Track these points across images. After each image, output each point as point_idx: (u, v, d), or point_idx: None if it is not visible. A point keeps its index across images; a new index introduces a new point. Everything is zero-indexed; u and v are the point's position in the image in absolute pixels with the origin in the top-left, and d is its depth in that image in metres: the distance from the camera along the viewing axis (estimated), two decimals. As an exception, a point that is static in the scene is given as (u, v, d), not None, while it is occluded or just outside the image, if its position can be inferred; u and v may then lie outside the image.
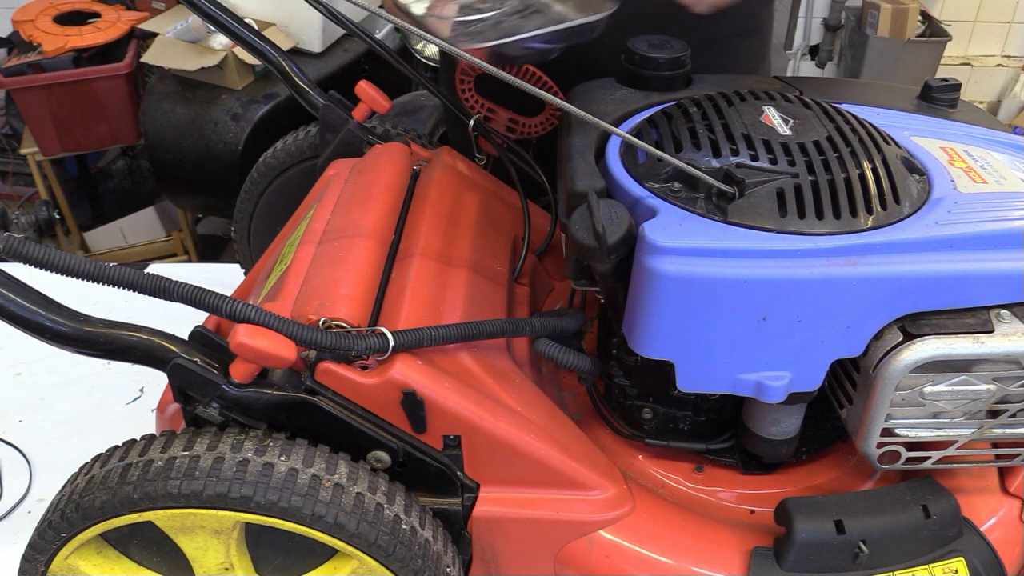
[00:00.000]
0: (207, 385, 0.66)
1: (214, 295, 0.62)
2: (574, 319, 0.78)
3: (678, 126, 0.71)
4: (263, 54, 1.03)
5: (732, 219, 0.64)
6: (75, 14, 2.69)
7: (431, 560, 0.68)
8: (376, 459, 0.70)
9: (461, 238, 0.86)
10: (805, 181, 0.64)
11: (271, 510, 0.63)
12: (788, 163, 0.65)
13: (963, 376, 0.65)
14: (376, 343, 0.66)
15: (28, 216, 2.84)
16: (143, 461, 0.64)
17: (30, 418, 1.16)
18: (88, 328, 0.64)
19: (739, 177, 0.64)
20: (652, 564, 0.73)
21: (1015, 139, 0.79)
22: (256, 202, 1.15)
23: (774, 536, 0.72)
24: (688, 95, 0.76)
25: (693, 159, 0.67)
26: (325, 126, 1.00)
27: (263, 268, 0.92)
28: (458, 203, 0.91)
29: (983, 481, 0.78)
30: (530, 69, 0.92)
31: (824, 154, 0.66)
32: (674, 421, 0.81)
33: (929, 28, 3.21)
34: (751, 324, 0.64)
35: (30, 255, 0.57)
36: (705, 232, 0.63)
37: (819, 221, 0.63)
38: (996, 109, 3.49)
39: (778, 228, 0.63)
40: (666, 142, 0.70)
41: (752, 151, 0.67)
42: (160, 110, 2.36)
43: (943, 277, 0.63)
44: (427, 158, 0.98)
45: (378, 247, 0.80)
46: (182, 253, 2.97)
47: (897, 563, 0.70)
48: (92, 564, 0.70)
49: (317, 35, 2.38)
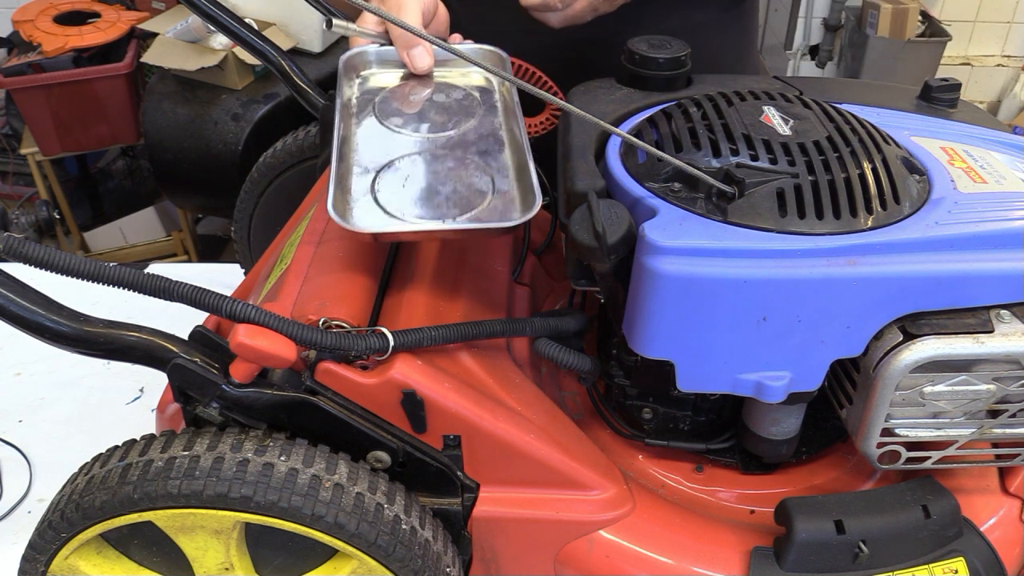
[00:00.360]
0: (207, 385, 0.66)
1: (214, 295, 0.62)
2: (574, 319, 0.78)
3: (678, 126, 0.71)
4: (263, 54, 1.03)
5: (732, 219, 0.64)
6: (75, 14, 2.69)
7: (431, 560, 0.68)
8: (376, 459, 0.70)
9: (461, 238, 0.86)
10: (805, 181, 0.64)
11: (271, 510, 0.63)
12: (788, 163, 0.65)
13: (963, 376, 0.65)
14: (376, 343, 0.66)
15: (28, 216, 2.85)
16: (143, 461, 0.64)
17: (30, 418, 1.16)
18: (88, 328, 0.64)
19: (739, 177, 0.64)
20: (652, 564, 0.73)
21: (1015, 139, 0.79)
22: (256, 202, 1.15)
23: (774, 536, 0.72)
24: (688, 95, 0.76)
25: (693, 159, 0.67)
26: (325, 126, 1.00)
27: (263, 268, 0.91)
28: (458, 203, 0.91)
29: (983, 481, 0.78)
30: (530, 69, 0.92)
31: (824, 154, 0.66)
32: (674, 421, 0.81)
33: (929, 28, 3.22)
34: (751, 324, 0.64)
35: (30, 255, 0.57)
36: (705, 232, 0.63)
37: (819, 221, 0.63)
38: (996, 109, 3.49)
39: (778, 228, 0.63)
40: (666, 142, 0.70)
41: (752, 151, 0.67)
42: (160, 110, 2.36)
43: (943, 277, 0.63)
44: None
45: (378, 247, 0.80)
46: (182, 253, 2.97)
47: (897, 563, 0.70)
48: (92, 564, 0.70)
49: (317, 35, 2.38)
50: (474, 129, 0.80)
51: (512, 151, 0.77)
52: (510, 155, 0.77)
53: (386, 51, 0.87)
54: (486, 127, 0.80)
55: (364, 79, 0.87)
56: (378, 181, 0.73)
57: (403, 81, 0.87)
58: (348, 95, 0.85)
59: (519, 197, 0.72)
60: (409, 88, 0.86)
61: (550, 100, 0.65)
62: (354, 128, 0.80)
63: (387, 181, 0.73)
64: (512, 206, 0.71)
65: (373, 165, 0.75)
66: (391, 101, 0.83)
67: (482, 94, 0.85)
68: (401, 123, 0.80)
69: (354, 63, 0.87)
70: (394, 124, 0.80)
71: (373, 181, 0.73)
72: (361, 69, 0.88)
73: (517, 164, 0.75)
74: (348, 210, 0.70)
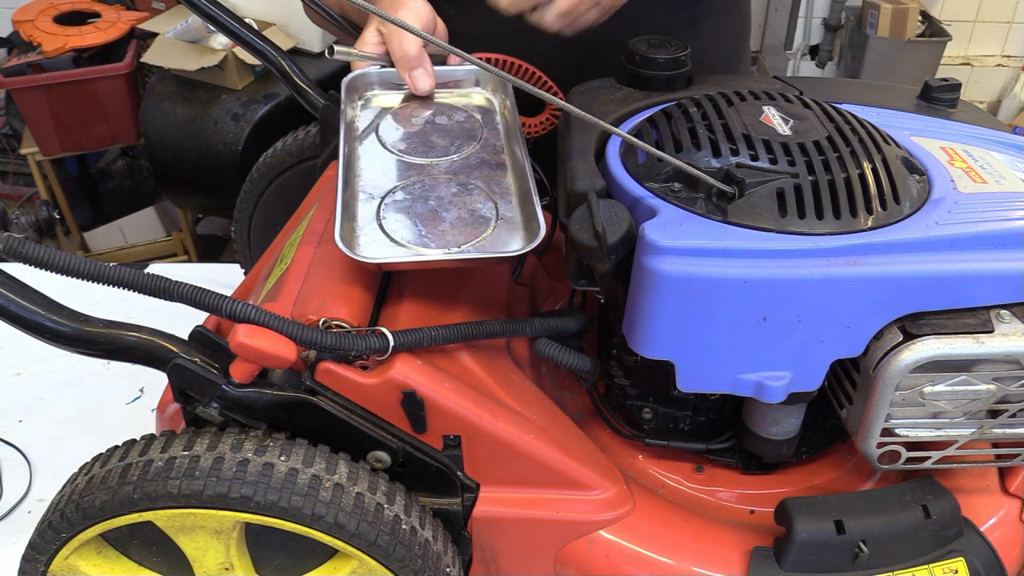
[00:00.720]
0: (207, 385, 0.66)
1: (214, 295, 0.62)
2: (574, 319, 0.78)
3: (678, 126, 0.71)
4: (263, 54, 1.03)
5: (732, 219, 0.64)
6: (75, 14, 2.69)
7: (431, 560, 0.68)
8: (376, 459, 0.70)
9: (461, 238, 0.86)
10: (805, 181, 0.64)
11: (271, 510, 0.63)
12: (788, 163, 0.65)
13: (963, 376, 0.65)
14: (376, 343, 0.66)
15: (28, 216, 2.85)
16: (143, 461, 0.64)
17: (30, 418, 1.16)
18: (88, 328, 0.64)
19: (739, 177, 0.64)
20: (652, 564, 0.73)
21: (1015, 139, 0.79)
22: (256, 202, 1.15)
23: (774, 536, 0.72)
24: (688, 95, 0.76)
25: (693, 159, 0.67)
26: (325, 126, 1.00)
27: (263, 268, 0.92)
28: (458, 203, 0.91)
29: (983, 481, 0.78)
30: (530, 69, 0.92)
31: (824, 154, 0.66)
32: (674, 421, 0.81)
33: (929, 28, 3.21)
34: (751, 324, 0.64)
35: (30, 255, 0.57)
36: (705, 232, 0.63)
37: (819, 221, 0.63)
38: (996, 109, 3.49)
39: (778, 228, 0.63)
40: (666, 142, 0.70)
41: (752, 151, 0.67)
42: (160, 110, 2.36)
43: (943, 277, 0.63)
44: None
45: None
46: (182, 253, 2.97)
47: (897, 563, 0.70)
48: (92, 564, 0.70)
49: (317, 35, 2.38)
50: (476, 153, 0.81)
51: (515, 175, 0.78)
52: (513, 179, 0.78)
53: (388, 72, 0.88)
54: (488, 150, 0.81)
55: (367, 100, 0.88)
56: (383, 208, 0.74)
57: (405, 103, 0.88)
58: (351, 117, 0.86)
59: (522, 224, 0.73)
60: (411, 110, 0.87)
61: (550, 100, 0.65)
62: (358, 152, 0.81)
63: (392, 208, 0.74)
64: (516, 234, 0.72)
65: (378, 191, 0.76)
66: (394, 124, 0.85)
67: (483, 115, 0.86)
68: (404, 148, 0.81)
69: (356, 85, 0.88)
70: (397, 149, 0.81)
71: (378, 208, 0.74)
72: (363, 91, 0.89)
73: (520, 190, 0.76)
74: (355, 239, 0.71)
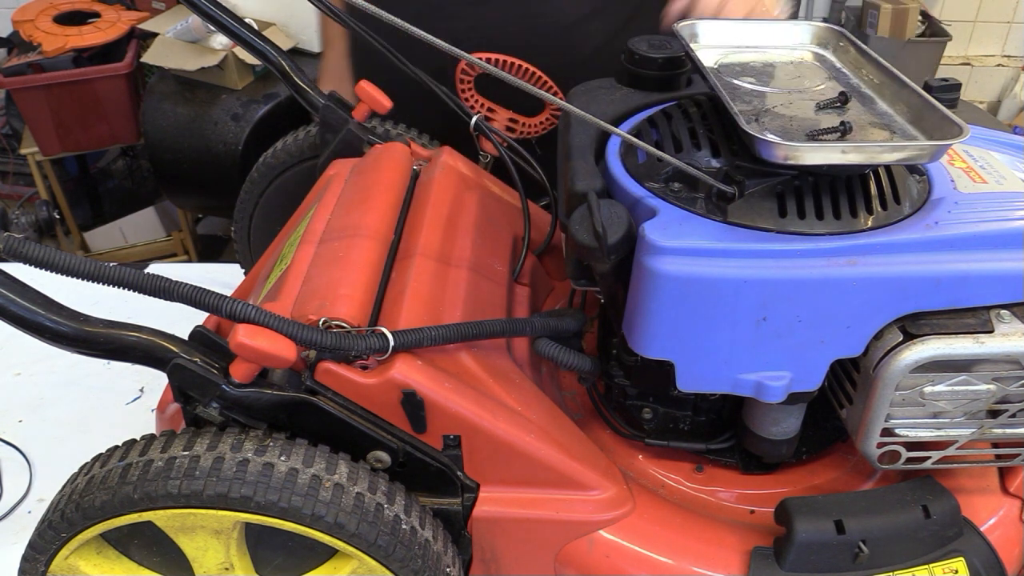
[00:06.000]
0: (207, 385, 0.66)
1: (214, 295, 0.62)
2: (574, 319, 0.78)
3: (678, 126, 0.71)
4: (263, 54, 1.03)
5: (732, 219, 0.64)
6: (75, 14, 2.69)
7: (431, 560, 0.68)
8: (376, 459, 0.70)
9: (461, 238, 0.86)
10: (805, 181, 0.64)
11: (271, 510, 0.63)
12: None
13: (963, 376, 0.65)
14: (376, 343, 0.66)
15: (28, 216, 2.85)
16: (143, 461, 0.64)
17: (30, 418, 1.16)
18: (88, 328, 0.64)
19: (739, 177, 0.64)
20: (652, 564, 0.73)
21: (1015, 139, 0.79)
22: (256, 202, 1.15)
23: (774, 536, 0.72)
24: (688, 95, 0.76)
25: (693, 159, 0.67)
26: (325, 126, 1.00)
27: (263, 268, 0.92)
28: (458, 203, 0.91)
29: (983, 481, 0.78)
30: (530, 69, 0.92)
31: (824, 154, 0.66)
32: (674, 421, 0.81)
33: (929, 28, 3.21)
34: (751, 324, 0.64)
35: (30, 255, 0.57)
36: (705, 232, 0.63)
37: (819, 221, 0.63)
38: (996, 109, 3.49)
39: (778, 228, 0.63)
40: (666, 142, 0.70)
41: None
42: (160, 110, 2.36)
43: (943, 277, 0.63)
44: (427, 158, 0.98)
45: (378, 247, 0.80)
46: (182, 253, 2.97)
47: (897, 563, 0.70)
48: (92, 564, 0.70)
49: (317, 35, 2.38)
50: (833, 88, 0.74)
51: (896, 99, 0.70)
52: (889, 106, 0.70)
53: None
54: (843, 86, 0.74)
55: None
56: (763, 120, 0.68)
57: None
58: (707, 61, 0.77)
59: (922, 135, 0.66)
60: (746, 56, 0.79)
61: (550, 100, 0.65)
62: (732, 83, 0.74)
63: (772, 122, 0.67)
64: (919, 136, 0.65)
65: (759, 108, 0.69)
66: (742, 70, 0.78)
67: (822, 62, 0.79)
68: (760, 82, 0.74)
69: None
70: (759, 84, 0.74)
71: None
72: None
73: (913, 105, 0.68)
74: None
